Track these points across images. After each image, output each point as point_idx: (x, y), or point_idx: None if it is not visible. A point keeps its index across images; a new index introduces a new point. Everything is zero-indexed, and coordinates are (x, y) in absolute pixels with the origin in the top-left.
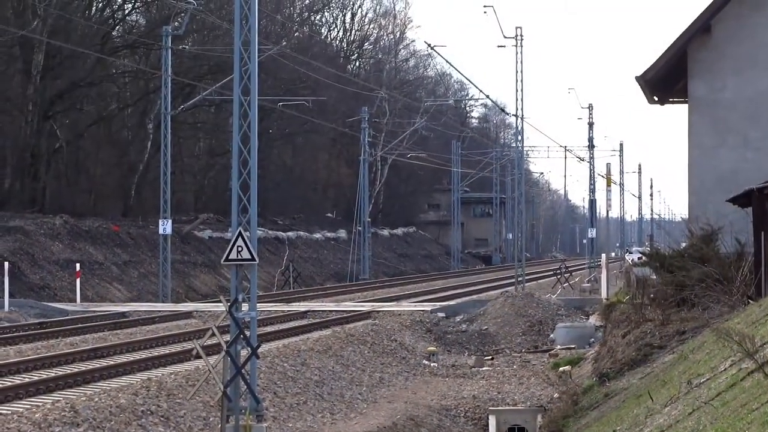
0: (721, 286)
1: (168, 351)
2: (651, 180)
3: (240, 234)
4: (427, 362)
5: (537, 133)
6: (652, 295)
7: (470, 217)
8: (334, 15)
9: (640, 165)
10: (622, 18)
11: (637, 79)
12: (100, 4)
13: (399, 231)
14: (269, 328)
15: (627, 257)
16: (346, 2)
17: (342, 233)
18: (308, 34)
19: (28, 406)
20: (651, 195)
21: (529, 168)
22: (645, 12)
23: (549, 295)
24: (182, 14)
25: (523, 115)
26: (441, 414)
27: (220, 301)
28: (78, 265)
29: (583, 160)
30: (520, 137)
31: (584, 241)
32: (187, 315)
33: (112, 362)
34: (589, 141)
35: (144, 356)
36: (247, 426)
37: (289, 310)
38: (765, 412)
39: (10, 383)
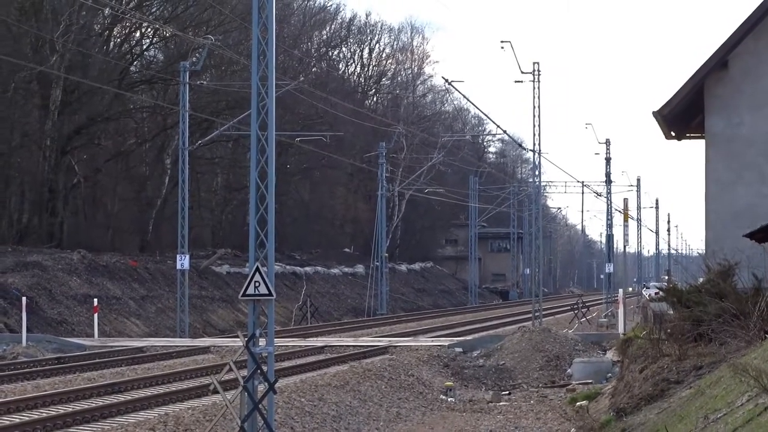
0: (738, 321)
1: (185, 386)
2: (668, 215)
3: (257, 269)
4: (444, 397)
5: (554, 168)
6: (669, 330)
7: (487, 252)
8: (352, 50)
9: (657, 200)
10: (639, 53)
11: (654, 114)
12: (118, 40)
13: (416, 266)
14: (286, 363)
15: (644, 292)
16: (363, 37)
17: (359, 268)
18: (326, 70)
19: None
20: (668, 230)
21: (546, 203)
22: (662, 48)
23: (566, 330)
24: (200, 50)
25: (540, 150)
26: None
27: (237, 336)
28: (95, 300)
29: (600, 195)
30: (537, 172)
31: (601, 276)
32: (205, 350)
33: (129, 397)
34: (606, 176)
35: (161, 391)
36: None
37: (306, 345)
38: None
39: (27, 418)
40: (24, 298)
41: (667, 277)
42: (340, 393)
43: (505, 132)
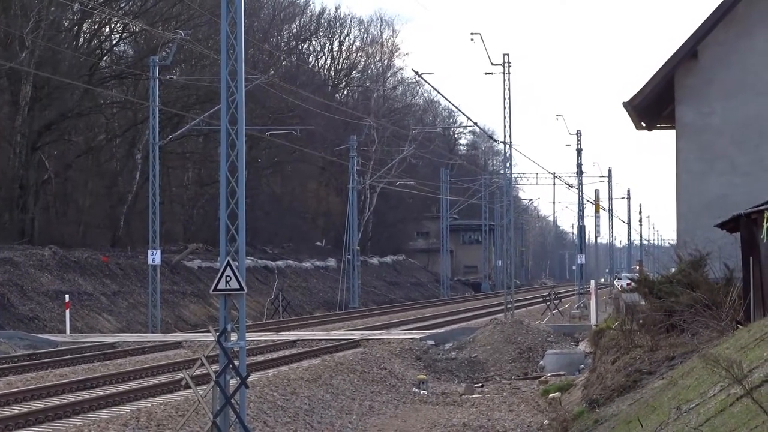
0: (710, 311)
1: (157, 381)
2: (640, 206)
3: (228, 264)
4: (416, 390)
5: (526, 160)
6: (641, 321)
7: (459, 245)
8: (322, 43)
9: (628, 191)
10: (610, 44)
11: (625, 105)
12: (88, 35)
13: (388, 259)
14: (259, 358)
15: (616, 283)
16: (333, 31)
17: (331, 262)
18: (296, 63)
19: None
20: (640, 221)
21: (518, 195)
22: (632, 38)
23: (538, 322)
24: (169, 44)
25: (511, 142)
26: None
27: (209, 331)
28: (67, 296)
29: (571, 187)
30: (508, 164)
31: (573, 267)
32: (177, 345)
33: (101, 393)
34: (577, 167)
35: (133, 387)
36: None
37: (278, 339)
38: None
39: None
40: None
41: (638, 268)
42: (312, 387)
43: (475, 124)
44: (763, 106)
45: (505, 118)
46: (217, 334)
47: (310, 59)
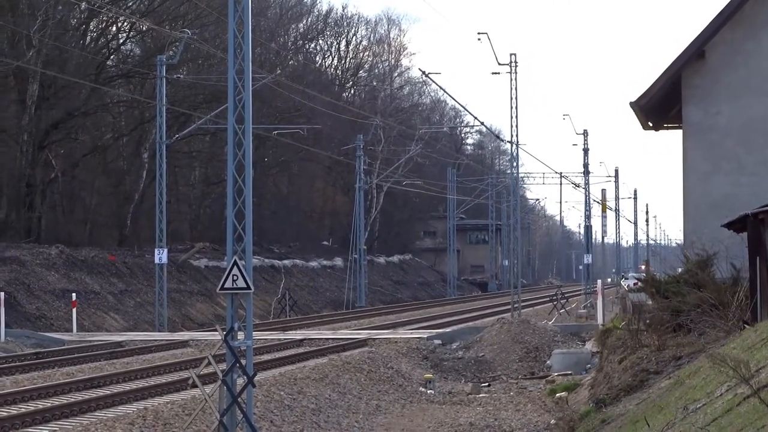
0: (717, 311)
1: (164, 380)
2: (646, 205)
3: (235, 263)
4: (423, 389)
5: (532, 160)
6: (648, 321)
7: (466, 244)
8: (329, 43)
9: (635, 190)
10: (617, 44)
11: (632, 105)
12: (95, 34)
13: (395, 258)
14: (265, 357)
15: (623, 283)
16: (340, 30)
17: (338, 261)
18: (303, 62)
19: None
20: (646, 220)
21: (524, 194)
22: (639, 38)
23: (545, 322)
24: (177, 43)
25: (518, 142)
26: None
27: (216, 330)
28: (74, 294)
29: (578, 186)
30: (515, 164)
31: (580, 267)
32: (184, 344)
33: (108, 392)
34: (584, 167)
35: (140, 386)
36: None
37: (285, 339)
38: None
39: (6, 413)
40: (2, 294)
41: (645, 268)
42: (319, 386)
43: (482, 123)
44: None
45: (511, 117)
46: (224, 333)
47: (317, 58)
